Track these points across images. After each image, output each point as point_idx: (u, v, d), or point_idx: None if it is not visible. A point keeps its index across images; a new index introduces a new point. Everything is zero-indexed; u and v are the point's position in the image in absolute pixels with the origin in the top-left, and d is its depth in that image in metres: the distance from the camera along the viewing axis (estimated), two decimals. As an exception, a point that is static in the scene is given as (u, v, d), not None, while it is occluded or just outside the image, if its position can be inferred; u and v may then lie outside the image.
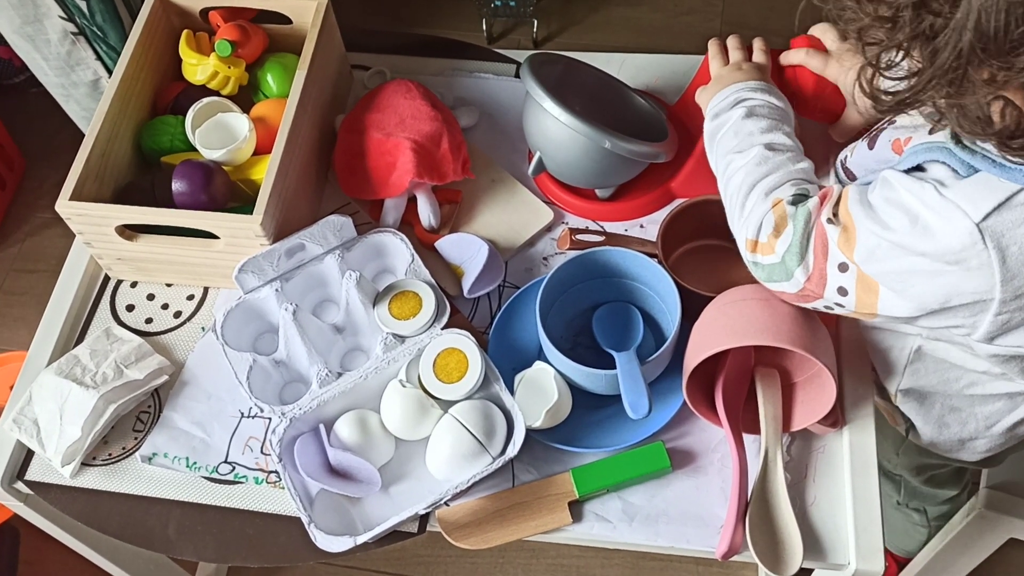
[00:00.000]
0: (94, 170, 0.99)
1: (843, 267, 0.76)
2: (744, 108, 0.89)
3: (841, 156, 0.96)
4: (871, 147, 0.87)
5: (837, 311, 0.80)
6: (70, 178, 0.97)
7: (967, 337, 0.76)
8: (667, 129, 1.05)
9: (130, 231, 0.99)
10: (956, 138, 0.70)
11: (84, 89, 1.67)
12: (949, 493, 1.27)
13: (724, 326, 0.87)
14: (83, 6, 1.52)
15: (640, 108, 1.11)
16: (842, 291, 0.77)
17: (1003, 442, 1.01)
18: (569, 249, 1.02)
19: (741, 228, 0.84)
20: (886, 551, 1.49)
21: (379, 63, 1.23)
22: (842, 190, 0.79)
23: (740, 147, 0.87)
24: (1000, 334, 0.74)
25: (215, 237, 0.97)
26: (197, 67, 1.08)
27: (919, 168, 0.74)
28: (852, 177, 0.93)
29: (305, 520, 0.87)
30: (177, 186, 0.99)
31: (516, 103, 1.19)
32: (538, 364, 0.94)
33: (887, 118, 0.87)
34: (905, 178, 0.73)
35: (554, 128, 0.99)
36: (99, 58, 1.61)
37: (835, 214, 0.78)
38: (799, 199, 0.81)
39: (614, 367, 0.90)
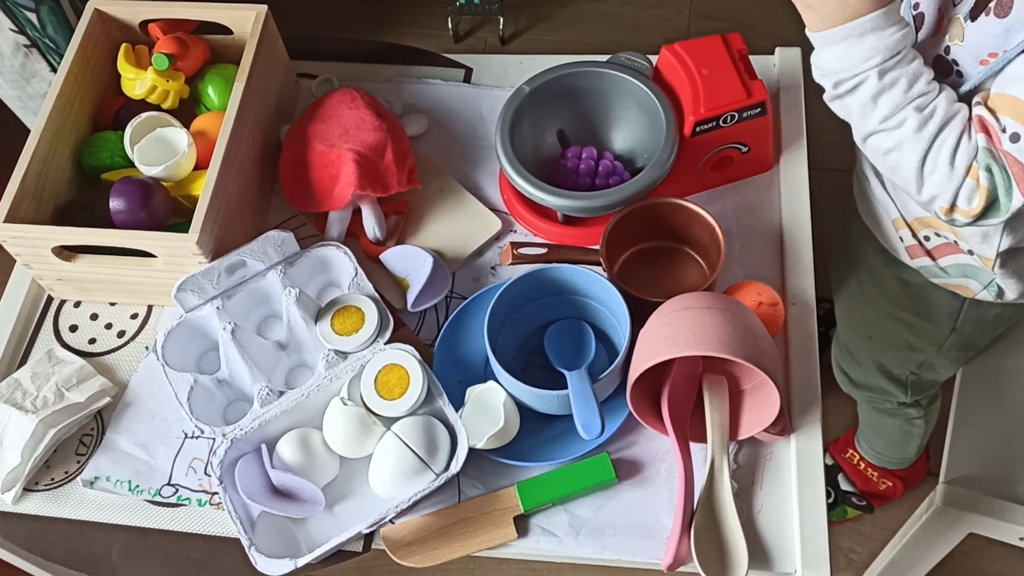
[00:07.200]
0: (30, 190, 0.98)
1: None
2: (875, 76, 0.83)
3: (931, 52, 0.89)
4: (1003, 15, 0.81)
5: None
6: (4, 200, 0.95)
7: None
8: (666, 139, 0.98)
9: (68, 251, 0.98)
10: None
11: (40, 101, 1.65)
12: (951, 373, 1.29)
13: (666, 336, 0.86)
14: (33, 19, 1.50)
15: (642, 103, 1.04)
16: None
17: None
18: (513, 263, 1.01)
19: (926, 196, 0.86)
20: (886, 472, 1.53)
21: (327, 71, 1.22)
22: (983, 111, 0.81)
23: (888, 118, 0.84)
24: None
25: (153, 256, 0.96)
26: (135, 81, 1.06)
27: None
28: (949, 71, 0.87)
29: (245, 543, 0.86)
30: (115, 204, 0.97)
31: (466, 109, 1.17)
32: (491, 383, 0.93)
33: None
34: None
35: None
36: (53, 70, 1.60)
37: (1009, 134, 0.79)
38: (974, 152, 0.82)
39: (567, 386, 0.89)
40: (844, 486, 1.57)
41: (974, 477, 1.13)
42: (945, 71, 0.88)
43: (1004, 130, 0.80)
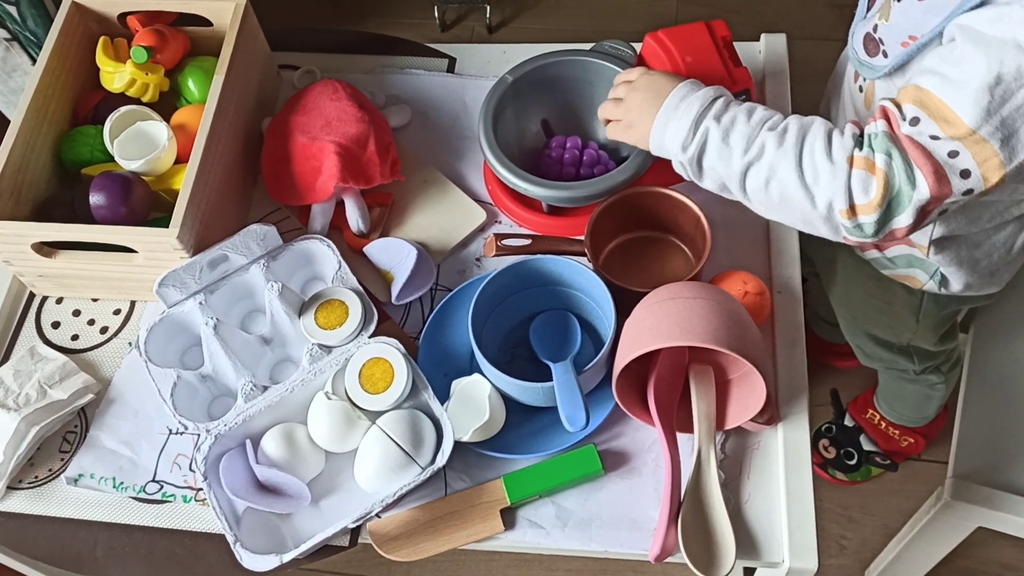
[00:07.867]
0: (8, 187, 0.97)
1: (953, 153, 0.76)
2: (713, 123, 0.84)
3: (863, 30, 0.89)
4: None
5: (969, 198, 0.79)
6: (-19, 197, 0.94)
7: None
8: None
9: (48, 248, 0.97)
10: None
11: (23, 95, 1.63)
12: (954, 344, 1.30)
13: (651, 327, 0.85)
14: (13, 12, 1.48)
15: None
16: (964, 174, 0.77)
17: (1019, 260, 1.06)
18: (496, 255, 1.00)
19: (823, 208, 0.80)
20: (907, 429, 1.54)
21: (309, 62, 1.20)
22: (887, 103, 0.79)
23: (748, 150, 0.82)
24: None
25: (134, 251, 0.95)
26: (114, 75, 1.05)
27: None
28: (876, 50, 0.87)
29: (231, 539, 0.85)
30: (95, 199, 0.96)
31: (449, 100, 1.17)
32: (476, 376, 0.92)
33: None
34: (987, 11, 0.74)
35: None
36: (35, 63, 1.58)
37: (908, 119, 0.78)
38: (859, 139, 0.80)
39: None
40: (866, 446, 1.58)
41: (982, 470, 1.10)
42: (873, 49, 0.88)
43: (904, 117, 0.78)
